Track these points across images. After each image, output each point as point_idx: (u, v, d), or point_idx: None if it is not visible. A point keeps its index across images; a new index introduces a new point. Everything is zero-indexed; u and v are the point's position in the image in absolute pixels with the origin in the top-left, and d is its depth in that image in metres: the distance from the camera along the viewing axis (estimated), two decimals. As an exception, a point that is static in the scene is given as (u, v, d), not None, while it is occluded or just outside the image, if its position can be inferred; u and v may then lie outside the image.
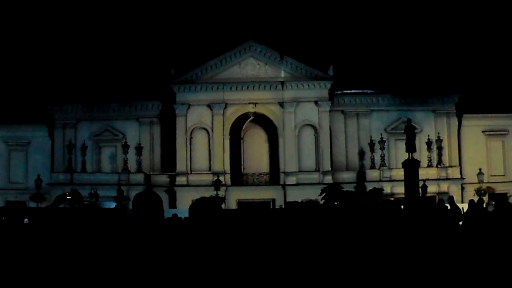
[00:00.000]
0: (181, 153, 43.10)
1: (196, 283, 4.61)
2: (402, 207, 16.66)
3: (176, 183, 42.64)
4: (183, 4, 50.89)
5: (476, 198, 22.63)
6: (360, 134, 44.57)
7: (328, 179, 41.46)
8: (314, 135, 43.35)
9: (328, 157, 43.10)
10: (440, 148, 42.88)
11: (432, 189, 39.51)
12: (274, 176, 43.49)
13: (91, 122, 45.14)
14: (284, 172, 42.81)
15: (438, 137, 43.01)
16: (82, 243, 5.74)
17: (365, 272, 7.07)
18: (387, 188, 39.75)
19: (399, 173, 36.55)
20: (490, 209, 21.02)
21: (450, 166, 43.26)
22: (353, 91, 44.97)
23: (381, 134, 43.08)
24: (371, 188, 38.38)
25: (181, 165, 42.96)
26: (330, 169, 42.84)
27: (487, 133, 45.16)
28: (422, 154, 40.24)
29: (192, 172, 42.91)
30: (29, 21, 50.61)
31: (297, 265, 7.03)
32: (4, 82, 46.18)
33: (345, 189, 35.87)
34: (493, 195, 38.02)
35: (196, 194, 35.15)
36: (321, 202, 31.26)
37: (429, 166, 42.03)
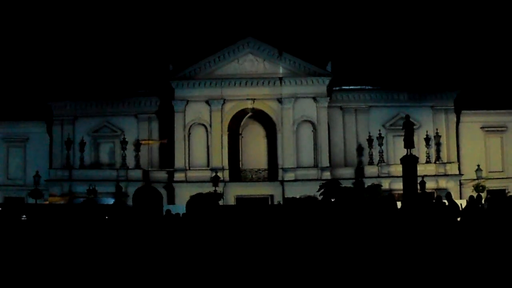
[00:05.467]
0: (179, 149, 43.10)
1: (193, 278, 4.64)
2: (397, 202, 16.66)
3: (175, 179, 42.66)
4: (181, 0, 50.81)
5: (475, 195, 22.65)
6: (358, 130, 44.58)
7: (327, 175, 41.49)
8: (312, 131, 43.33)
9: (326, 153, 43.09)
10: (438, 144, 42.88)
11: (430, 185, 39.52)
12: (272, 172, 43.48)
13: (90, 118, 45.09)
14: (282, 168, 42.81)
15: (437, 133, 43.01)
16: (81, 238, 5.76)
17: (362, 266, 7.08)
18: (385, 184, 39.83)
19: (398, 169, 36.59)
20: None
21: (449, 162, 43.27)
22: (351, 87, 44.96)
23: (380, 130, 43.13)
24: (369, 184, 38.41)
25: (179, 161, 42.97)
26: (328, 165, 42.83)
27: (485, 129, 45.13)
28: (420, 150, 40.27)
29: (191, 168, 42.92)
30: (28, 18, 50.53)
31: (294, 260, 7.04)
32: (2, 78, 46.13)
33: (343, 185, 35.88)
34: (492, 191, 38.09)
35: (195, 190, 35.29)
36: (319, 198, 31.27)
37: (428, 162, 42.08)
